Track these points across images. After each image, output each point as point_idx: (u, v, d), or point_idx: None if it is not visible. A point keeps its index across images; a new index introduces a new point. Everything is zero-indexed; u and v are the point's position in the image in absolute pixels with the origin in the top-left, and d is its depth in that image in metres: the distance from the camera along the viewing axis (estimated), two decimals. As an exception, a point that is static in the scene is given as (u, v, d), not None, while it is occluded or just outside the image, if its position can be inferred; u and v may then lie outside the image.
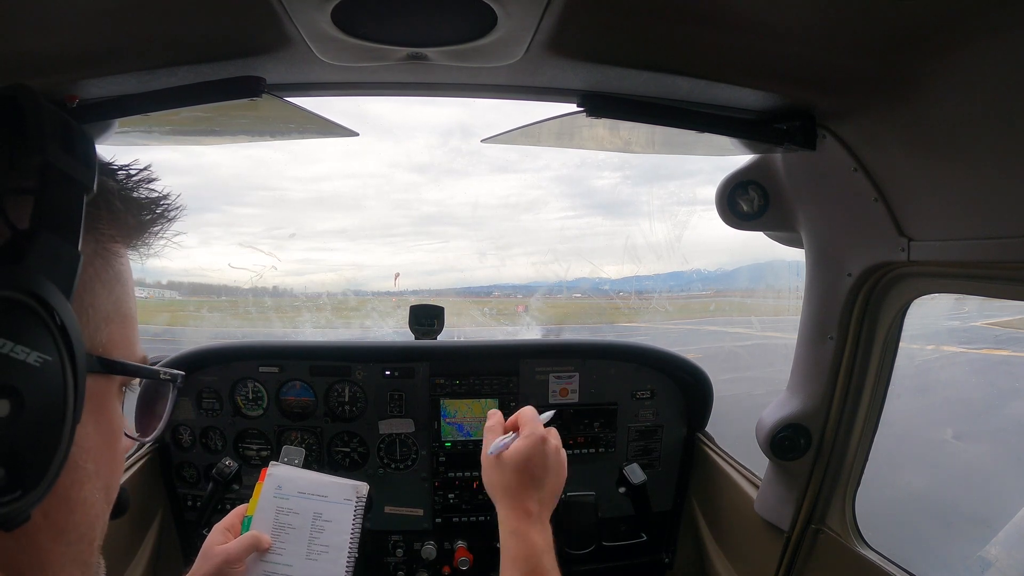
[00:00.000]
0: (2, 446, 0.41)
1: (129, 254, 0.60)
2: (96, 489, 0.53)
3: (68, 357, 0.46)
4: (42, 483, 0.44)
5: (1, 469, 0.41)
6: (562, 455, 1.10)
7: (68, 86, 1.08)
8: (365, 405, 2.14)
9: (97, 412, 0.53)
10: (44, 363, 0.44)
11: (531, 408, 1.15)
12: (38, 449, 0.44)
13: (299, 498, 1.25)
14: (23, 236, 0.44)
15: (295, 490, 1.26)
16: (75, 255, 0.48)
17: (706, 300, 10.53)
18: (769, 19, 0.95)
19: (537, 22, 0.93)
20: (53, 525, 0.49)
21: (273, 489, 1.26)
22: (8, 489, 0.42)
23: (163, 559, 2.05)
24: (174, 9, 0.89)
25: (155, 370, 0.61)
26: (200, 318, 8.29)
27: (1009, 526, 2.34)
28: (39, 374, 0.43)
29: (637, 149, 1.68)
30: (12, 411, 0.42)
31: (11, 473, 0.42)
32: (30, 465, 0.44)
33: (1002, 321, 5.73)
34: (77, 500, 0.51)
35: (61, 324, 0.45)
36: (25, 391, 0.42)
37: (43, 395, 0.44)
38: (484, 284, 9.17)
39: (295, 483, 1.27)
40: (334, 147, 36.33)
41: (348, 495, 1.27)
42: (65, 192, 0.47)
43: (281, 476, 1.28)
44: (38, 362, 0.43)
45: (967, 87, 0.97)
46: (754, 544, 1.80)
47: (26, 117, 0.46)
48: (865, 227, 1.30)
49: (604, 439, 2.21)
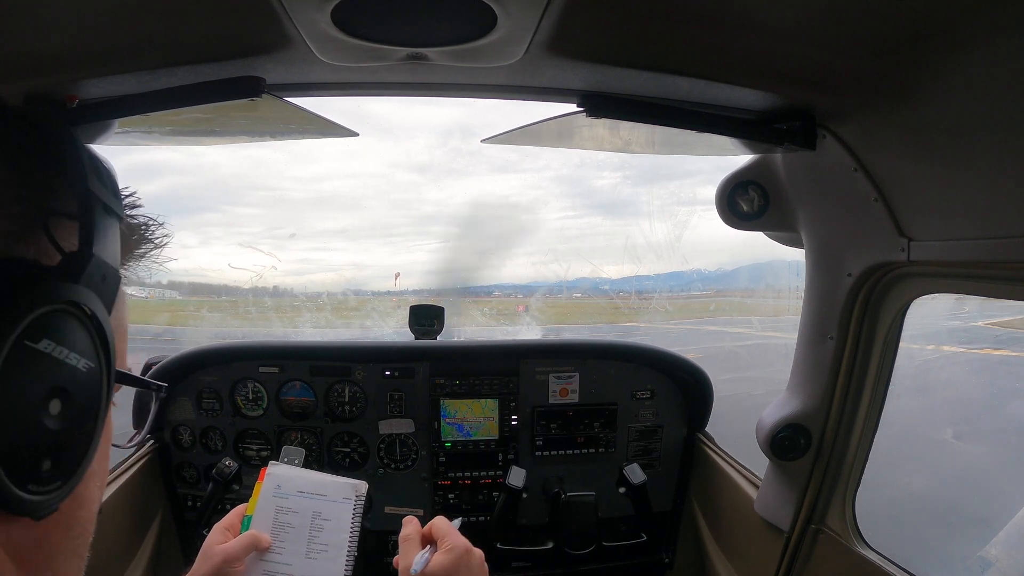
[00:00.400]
0: (51, 440, 0.46)
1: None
2: (96, 487, 0.57)
3: (105, 365, 0.52)
4: (75, 477, 0.49)
5: (48, 460, 0.46)
6: (486, 568, 1.08)
7: (68, 86, 1.08)
8: (365, 405, 2.14)
9: None
10: (89, 370, 0.49)
11: (443, 518, 1.12)
12: (77, 446, 0.49)
13: (298, 497, 1.25)
14: (75, 257, 0.49)
15: (294, 489, 1.26)
16: (117, 276, 0.54)
17: (706, 300, 10.54)
18: (769, 19, 0.95)
19: (537, 22, 0.93)
20: (64, 519, 0.52)
21: (272, 488, 1.26)
22: (51, 479, 0.46)
23: (163, 559, 2.05)
24: (174, 9, 0.89)
25: (147, 381, 0.72)
26: (200, 318, 8.30)
27: (1009, 526, 2.34)
28: (86, 379, 0.49)
29: (637, 149, 1.68)
30: (62, 410, 0.47)
31: (55, 465, 0.46)
32: (69, 460, 0.48)
33: (1002, 321, 5.74)
34: (84, 496, 0.54)
35: (104, 337, 0.51)
36: (74, 393, 0.48)
37: (86, 398, 0.49)
38: (484, 284, 9.17)
39: (294, 482, 1.27)
40: (334, 147, 36.36)
41: (347, 494, 1.27)
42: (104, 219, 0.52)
43: (280, 475, 1.28)
44: (85, 368, 0.49)
45: (967, 87, 0.97)
46: (754, 544, 1.80)
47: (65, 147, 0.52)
48: (865, 227, 1.30)
49: (604, 439, 2.21)
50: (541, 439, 2.18)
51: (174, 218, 0.66)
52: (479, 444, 2.17)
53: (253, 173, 25.75)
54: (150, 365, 2.12)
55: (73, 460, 0.49)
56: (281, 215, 25.90)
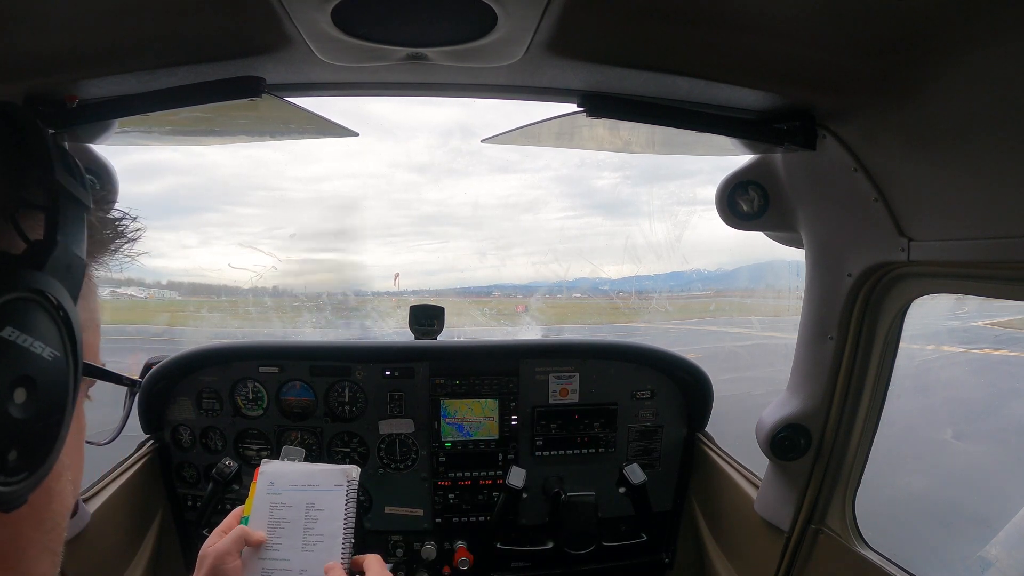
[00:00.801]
0: (17, 430, 0.45)
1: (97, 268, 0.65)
2: (69, 482, 0.57)
3: (72, 355, 0.51)
4: (42, 468, 0.48)
5: (14, 451, 0.45)
6: None
7: (68, 86, 1.08)
8: (365, 405, 2.14)
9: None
10: (55, 359, 0.49)
11: (377, 558, 1.16)
12: (44, 437, 0.49)
13: (291, 491, 1.26)
14: (40, 246, 0.49)
15: (287, 483, 1.27)
16: (82, 264, 0.53)
17: (706, 300, 10.54)
18: (769, 19, 0.95)
19: (537, 22, 0.93)
20: (35, 513, 0.52)
21: (266, 486, 1.27)
22: (17, 470, 0.46)
23: (163, 559, 2.05)
24: (174, 9, 0.89)
25: (119, 375, 0.69)
26: (200, 318, 8.30)
27: (1009, 526, 2.35)
28: (51, 368, 0.48)
29: (637, 149, 1.68)
30: (27, 399, 0.46)
31: (21, 456, 0.46)
32: (36, 451, 0.48)
33: (1002, 321, 5.74)
34: (55, 490, 0.54)
35: (70, 327, 0.50)
36: (39, 382, 0.47)
37: (52, 388, 0.49)
38: (484, 284, 9.18)
39: (286, 476, 1.28)
40: (334, 147, 36.33)
41: (339, 480, 1.27)
42: (71, 208, 0.52)
43: (272, 472, 1.29)
44: (51, 357, 0.48)
45: (967, 88, 0.97)
46: (754, 544, 1.80)
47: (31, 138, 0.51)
48: (865, 227, 1.30)
49: (604, 439, 2.21)
50: (541, 439, 2.18)
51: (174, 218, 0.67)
52: (479, 444, 2.17)
53: (253, 173, 25.76)
54: (150, 365, 2.12)
55: (40, 451, 0.48)
56: (281, 215, 25.91)
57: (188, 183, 21.04)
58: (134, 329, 8.33)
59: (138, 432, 2.09)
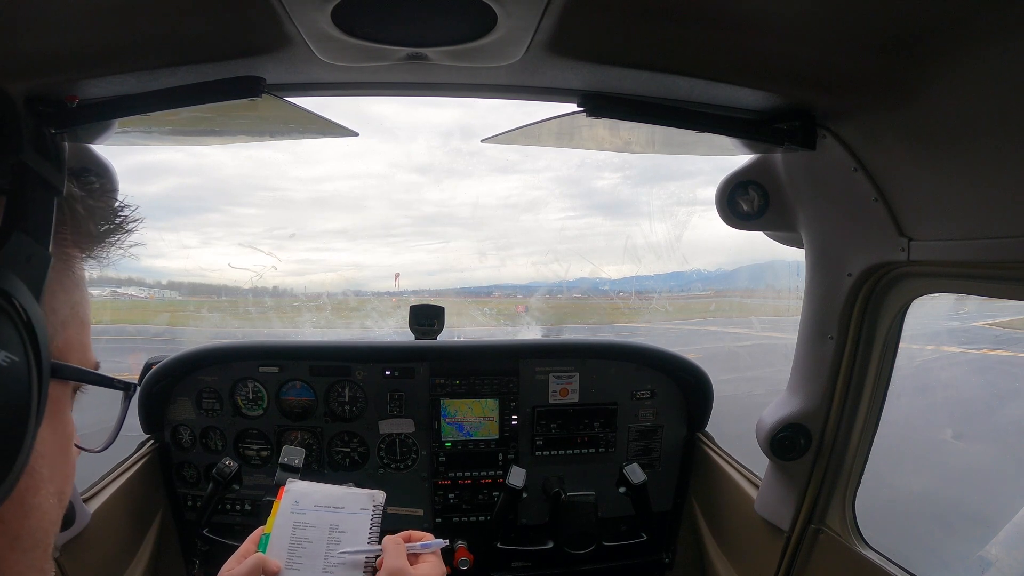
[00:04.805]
0: None
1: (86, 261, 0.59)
2: (50, 495, 0.52)
3: (35, 359, 0.45)
4: (4, 485, 0.43)
5: None
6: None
7: (68, 86, 1.08)
8: (365, 405, 2.14)
9: (52, 417, 0.52)
10: (11, 363, 0.43)
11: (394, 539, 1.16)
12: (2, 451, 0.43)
13: (316, 511, 1.24)
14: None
15: (311, 504, 1.25)
16: (45, 256, 0.47)
17: (706, 300, 10.55)
18: (769, 19, 0.95)
19: (537, 22, 0.93)
20: (8, 531, 0.48)
21: (290, 505, 1.25)
22: None
23: (163, 559, 2.05)
24: (174, 9, 0.89)
25: (109, 378, 0.61)
26: (200, 318, 8.31)
27: (1009, 526, 2.35)
28: (6, 374, 0.43)
29: (637, 149, 1.68)
30: None
31: None
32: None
33: (1002, 321, 5.74)
34: (32, 505, 0.50)
35: (30, 325, 0.45)
36: None
37: (9, 396, 0.43)
38: (484, 284, 9.20)
39: (311, 497, 1.27)
40: (335, 148, 36.33)
41: (364, 504, 1.26)
42: (38, 194, 0.47)
43: (298, 491, 1.27)
44: (6, 362, 0.43)
45: (967, 88, 0.97)
46: (754, 544, 1.80)
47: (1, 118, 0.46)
48: (865, 227, 1.30)
49: (604, 439, 2.21)
50: (541, 439, 2.18)
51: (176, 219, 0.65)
52: (479, 444, 2.17)
53: (255, 174, 25.78)
54: (150, 365, 2.12)
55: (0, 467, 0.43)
56: (282, 215, 25.95)
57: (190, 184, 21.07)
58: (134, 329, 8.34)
59: (138, 432, 2.09)
